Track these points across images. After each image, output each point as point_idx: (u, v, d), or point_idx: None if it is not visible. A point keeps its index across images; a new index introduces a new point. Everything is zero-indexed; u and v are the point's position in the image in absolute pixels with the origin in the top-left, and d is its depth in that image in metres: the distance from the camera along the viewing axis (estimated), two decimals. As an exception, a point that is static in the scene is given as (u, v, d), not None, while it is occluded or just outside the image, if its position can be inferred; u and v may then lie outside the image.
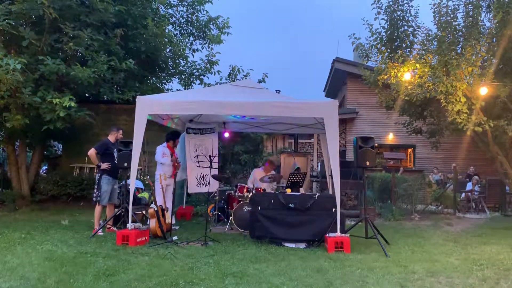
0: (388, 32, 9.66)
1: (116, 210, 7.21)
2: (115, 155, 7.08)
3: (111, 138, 7.24)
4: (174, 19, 13.19)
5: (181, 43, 12.30)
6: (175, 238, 6.31)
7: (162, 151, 7.41)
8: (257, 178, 8.12)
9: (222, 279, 4.31)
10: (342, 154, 14.05)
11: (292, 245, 6.09)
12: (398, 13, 9.52)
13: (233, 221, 7.27)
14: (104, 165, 6.97)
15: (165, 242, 6.07)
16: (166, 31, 11.46)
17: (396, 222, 9.00)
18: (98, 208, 7.00)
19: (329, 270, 4.75)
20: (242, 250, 5.71)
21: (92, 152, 7.00)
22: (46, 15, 8.55)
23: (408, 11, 9.54)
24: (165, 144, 7.53)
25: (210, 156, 6.90)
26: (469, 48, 8.26)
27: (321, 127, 7.35)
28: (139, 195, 8.40)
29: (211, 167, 6.84)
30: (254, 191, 7.55)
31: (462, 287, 4.19)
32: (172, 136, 7.62)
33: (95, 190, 7.05)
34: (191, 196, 10.04)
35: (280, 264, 5.01)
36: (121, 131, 7.34)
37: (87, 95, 11.23)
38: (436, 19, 9.00)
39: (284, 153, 11.66)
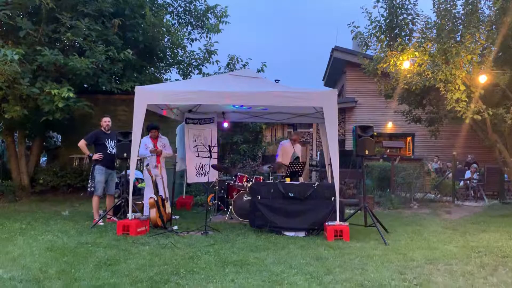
0: (387, 21, 9.59)
1: (116, 200, 7.22)
2: (108, 145, 7.07)
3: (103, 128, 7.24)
4: (171, 8, 13.08)
5: (179, 33, 12.20)
6: (175, 227, 6.34)
7: (144, 143, 7.26)
8: (288, 151, 8.25)
9: (223, 268, 4.34)
10: (341, 143, 14.09)
11: (291, 233, 6.13)
12: (397, 1, 9.44)
13: (233, 210, 7.31)
14: (95, 156, 6.98)
15: (166, 231, 6.11)
16: (164, 20, 11.37)
17: (395, 211, 9.06)
18: (95, 199, 7.02)
19: (328, 258, 4.79)
20: (242, 239, 5.75)
21: (81, 143, 7.01)
22: (43, 5, 8.48)
23: (407, -1, 9.47)
24: (149, 135, 7.40)
25: (209, 146, 6.90)
26: (468, 36, 8.21)
27: (320, 116, 7.34)
28: (139, 186, 8.42)
29: (210, 157, 6.84)
30: (254, 180, 7.58)
31: (461, 274, 4.23)
32: (148, 128, 7.37)
33: (89, 181, 7.08)
34: (191, 186, 10.06)
35: (280, 252, 5.05)
36: (104, 119, 7.24)
37: (85, 85, 11.16)
38: (436, 6, 8.94)
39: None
